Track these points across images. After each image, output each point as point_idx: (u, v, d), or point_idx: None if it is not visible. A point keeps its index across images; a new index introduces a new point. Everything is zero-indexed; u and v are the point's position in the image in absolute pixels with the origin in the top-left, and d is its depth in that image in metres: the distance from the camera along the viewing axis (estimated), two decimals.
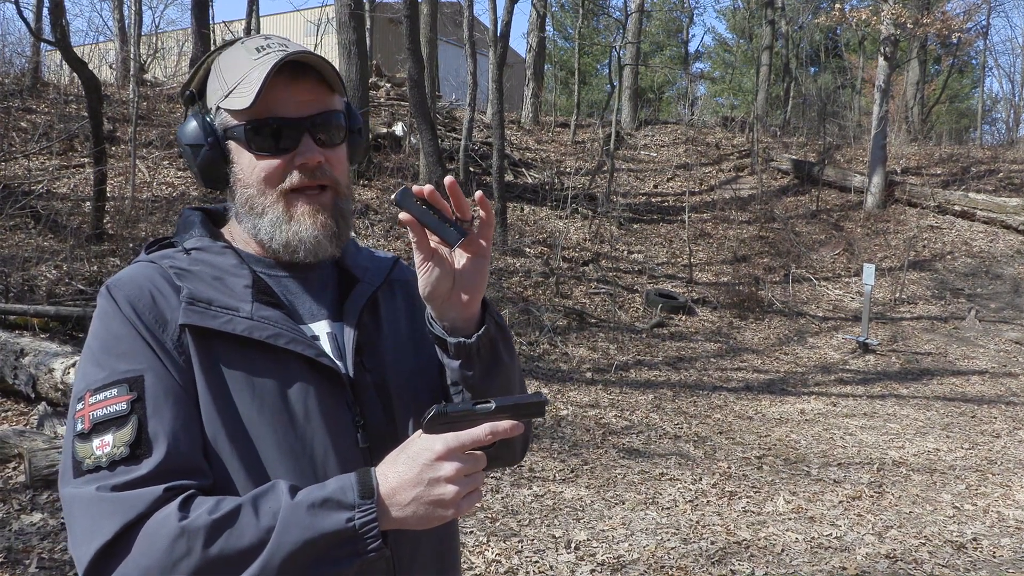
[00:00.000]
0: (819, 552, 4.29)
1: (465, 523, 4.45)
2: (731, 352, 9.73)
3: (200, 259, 1.11)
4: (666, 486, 5.27)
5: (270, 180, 1.10)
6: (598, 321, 10.10)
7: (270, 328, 1.06)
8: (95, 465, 0.96)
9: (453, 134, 14.80)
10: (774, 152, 17.14)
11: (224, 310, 1.05)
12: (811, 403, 7.78)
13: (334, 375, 1.09)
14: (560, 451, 5.88)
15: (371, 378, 1.14)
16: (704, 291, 11.70)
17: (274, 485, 0.97)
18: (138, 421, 0.98)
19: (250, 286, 1.09)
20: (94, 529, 0.93)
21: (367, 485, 0.95)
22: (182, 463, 0.99)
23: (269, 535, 0.92)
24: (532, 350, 8.72)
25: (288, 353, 1.06)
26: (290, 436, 1.06)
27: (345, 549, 0.93)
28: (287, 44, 1.13)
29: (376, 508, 0.94)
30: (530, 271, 10.92)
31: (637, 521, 4.64)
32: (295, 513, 0.93)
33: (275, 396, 1.06)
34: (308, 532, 0.92)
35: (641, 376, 8.43)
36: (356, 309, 1.17)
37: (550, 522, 4.56)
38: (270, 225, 1.11)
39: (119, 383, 1.00)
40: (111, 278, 1.09)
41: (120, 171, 10.36)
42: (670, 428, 6.71)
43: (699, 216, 14.37)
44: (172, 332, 1.04)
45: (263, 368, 1.06)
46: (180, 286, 1.06)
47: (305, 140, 1.09)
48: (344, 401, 1.10)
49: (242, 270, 1.10)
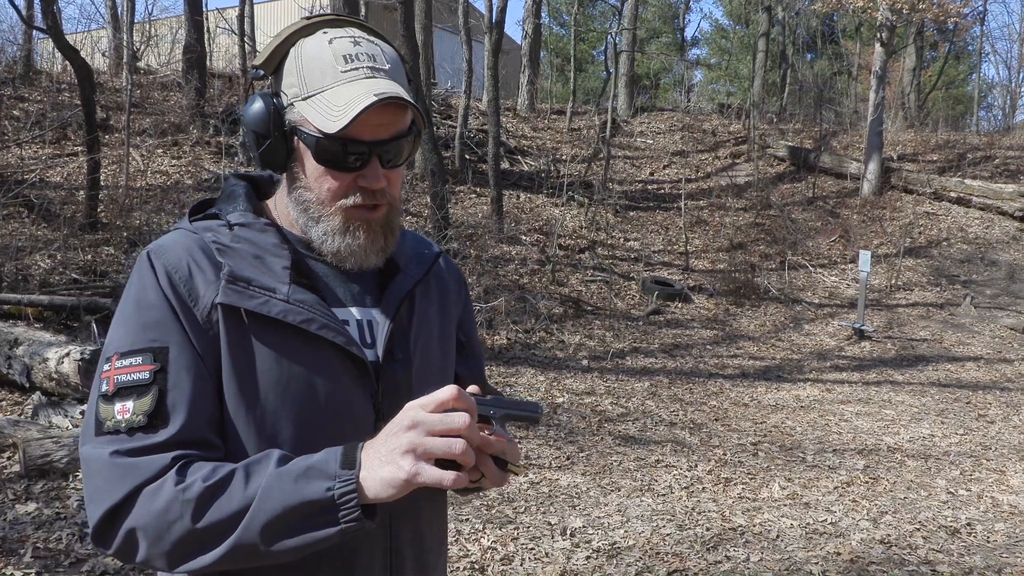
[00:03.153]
0: (814, 538, 4.30)
1: (461, 510, 4.47)
2: (727, 339, 9.74)
3: (242, 236, 1.11)
4: (662, 473, 5.28)
5: (333, 194, 1.11)
6: (594, 309, 10.10)
7: (304, 312, 1.07)
8: (114, 428, 1.00)
9: (449, 122, 14.74)
10: (770, 139, 17.10)
11: (262, 290, 1.07)
12: (807, 390, 7.80)
13: (361, 364, 1.11)
14: (556, 438, 5.89)
15: (397, 369, 1.16)
16: (700, 278, 11.70)
17: (268, 453, 1.00)
18: (158, 392, 1.01)
19: (289, 267, 1.10)
20: (105, 490, 0.98)
21: (350, 456, 0.96)
22: (195, 436, 1.02)
23: (252, 500, 0.95)
24: (528, 338, 8.72)
25: (319, 339, 1.08)
26: (309, 420, 1.08)
27: (323, 517, 0.94)
28: (374, 55, 1.12)
29: (355, 479, 0.95)
30: (526, 259, 10.91)
31: (633, 508, 4.65)
32: (279, 480, 0.95)
33: (299, 379, 1.07)
34: (288, 499, 0.94)
35: (637, 363, 8.43)
36: (395, 300, 1.18)
37: (546, 509, 4.57)
38: (323, 232, 1.12)
39: (145, 352, 1.03)
40: (153, 243, 1.11)
41: (114, 159, 10.31)
42: (666, 415, 6.72)
43: (695, 203, 14.35)
44: (204, 307, 1.05)
45: (292, 351, 1.07)
46: (221, 262, 1.08)
47: (373, 164, 1.10)
48: (368, 390, 1.12)
49: (283, 250, 1.11)
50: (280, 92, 1.13)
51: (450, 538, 4.12)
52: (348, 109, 1.05)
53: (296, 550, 0.96)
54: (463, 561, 3.87)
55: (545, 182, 13.62)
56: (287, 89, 1.12)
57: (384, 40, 1.16)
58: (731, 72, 31.63)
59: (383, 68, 1.11)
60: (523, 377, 7.44)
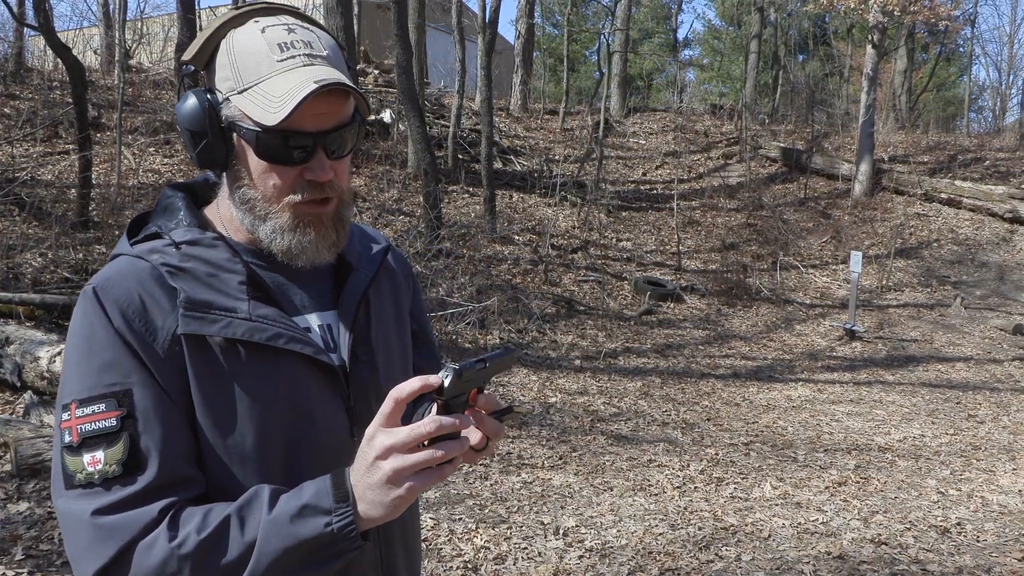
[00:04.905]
0: (805, 537, 4.32)
1: (454, 510, 4.46)
2: (719, 339, 9.75)
3: (192, 254, 1.06)
4: (654, 472, 5.29)
5: (279, 190, 1.06)
6: (587, 308, 10.10)
7: (269, 328, 1.04)
8: (87, 481, 0.96)
9: (441, 121, 14.72)
10: (762, 140, 17.14)
11: (222, 313, 1.03)
12: (798, 390, 7.82)
13: (331, 371, 1.09)
14: (549, 438, 5.89)
15: (364, 371, 1.14)
16: (692, 278, 11.71)
17: (258, 493, 0.98)
18: (129, 439, 0.97)
19: (245, 282, 1.06)
20: (92, 551, 0.95)
21: (342, 488, 0.95)
22: (174, 477, 0.99)
23: (252, 548, 0.94)
24: (521, 337, 8.72)
25: (287, 352, 1.05)
26: (287, 434, 1.06)
27: (326, 552, 0.94)
28: (310, 42, 1.06)
29: (351, 512, 0.94)
30: (519, 259, 10.90)
31: (625, 507, 4.66)
32: (275, 525, 0.94)
33: (274, 396, 1.05)
34: (288, 541, 0.93)
35: (629, 363, 8.44)
36: (353, 301, 1.16)
37: (539, 509, 4.57)
38: (271, 231, 1.08)
39: (107, 398, 0.98)
40: (96, 277, 1.05)
41: (105, 158, 10.26)
42: (658, 415, 6.73)
43: (688, 204, 14.36)
44: (164, 340, 1.01)
45: (261, 369, 1.05)
46: (174, 287, 1.03)
47: (318, 156, 1.05)
48: (339, 395, 1.11)
49: (236, 265, 1.07)
50: (214, 88, 1.07)
51: (443, 537, 4.11)
52: (287, 99, 1.00)
53: None
54: (456, 560, 3.86)
55: (538, 182, 13.62)
56: (221, 84, 1.06)
57: (320, 27, 1.11)
58: (723, 73, 31.69)
59: (321, 55, 1.06)
60: (516, 376, 7.44)
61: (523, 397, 6.83)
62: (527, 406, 6.69)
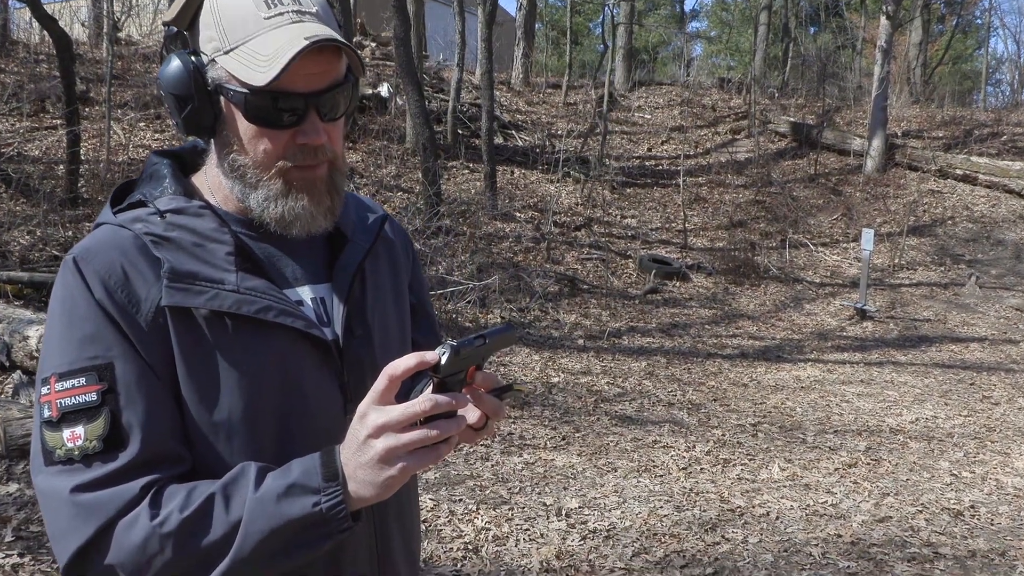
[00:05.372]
0: (814, 519, 4.32)
1: (454, 490, 4.48)
2: (726, 319, 9.75)
3: (177, 223, 1.04)
4: (659, 453, 5.30)
5: (269, 155, 1.04)
6: (590, 287, 10.10)
7: (258, 300, 1.03)
8: (67, 457, 0.95)
9: (441, 95, 14.64)
10: (772, 114, 17.05)
11: (208, 284, 1.02)
12: (807, 370, 7.82)
13: (323, 345, 1.08)
14: (551, 418, 5.90)
15: (359, 346, 1.13)
16: (699, 256, 11.69)
17: (244, 471, 0.97)
18: (110, 413, 0.96)
19: (233, 253, 1.05)
20: (72, 529, 0.94)
21: (331, 467, 0.94)
22: (158, 453, 0.98)
23: (237, 528, 0.93)
24: (523, 317, 8.72)
25: (277, 326, 1.04)
26: (277, 411, 1.05)
27: (314, 533, 0.94)
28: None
29: (342, 490, 0.93)
30: (520, 236, 10.89)
31: (629, 489, 4.67)
32: (261, 503, 0.93)
33: (263, 372, 1.04)
34: (275, 520, 0.93)
35: (634, 343, 8.45)
36: (348, 274, 1.15)
37: (541, 490, 4.59)
38: (263, 198, 1.06)
39: (87, 371, 0.97)
40: (77, 247, 1.03)
41: (94, 133, 10.21)
42: (664, 395, 6.74)
43: (694, 180, 14.31)
44: (147, 312, 1.00)
45: (250, 343, 1.03)
46: (158, 257, 1.01)
47: (310, 118, 1.03)
48: (332, 371, 1.10)
49: (223, 235, 1.05)
50: (198, 49, 1.04)
51: (443, 518, 4.13)
52: (277, 58, 0.97)
53: (290, 566, 0.96)
54: (456, 542, 3.87)
55: (540, 158, 13.57)
56: (205, 44, 1.03)
57: None
58: (732, 45, 31.46)
59: (310, 11, 1.03)
60: (518, 356, 7.44)
61: (525, 377, 6.83)
62: (528, 385, 6.69)
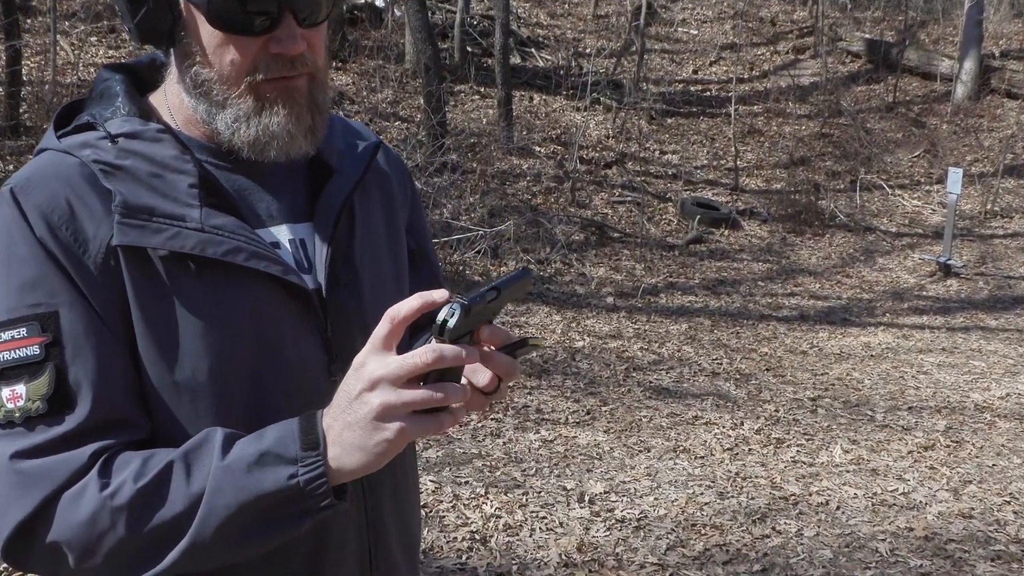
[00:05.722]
0: (882, 510, 4.33)
1: (460, 471, 4.52)
2: (783, 274, 9.73)
3: (131, 149, 1.04)
4: (700, 431, 5.32)
5: (239, 68, 1.03)
6: (622, 235, 10.07)
7: (226, 241, 1.03)
8: (6, 419, 0.96)
9: (447, 5, 14.48)
10: (843, 30, 16.80)
11: (167, 221, 1.01)
12: (878, 335, 7.80)
13: (303, 295, 1.08)
14: (574, 389, 5.92)
15: (345, 294, 1.13)
16: (752, 200, 11.64)
17: (209, 436, 0.97)
18: (55, 370, 0.96)
19: (196, 185, 1.04)
20: (12, 501, 0.95)
21: (311, 434, 0.94)
22: (111, 416, 0.99)
23: (200, 501, 0.93)
24: (542, 270, 8.72)
25: (248, 271, 1.04)
26: (249, 370, 1.06)
27: (290, 509, 0.94)
28: None
29: (323, 460, 0.93)
30: (540, 174, 10.84)
31: (665, 472, 4.69)
32: (228, 473, 0.93)
33: (232, 325, 1.04)
34: (244, 494, 0.93)
35: (673, 301, 8.45)
36: (332, 210, 1.14)
37: (560, 472, 4.62)
38: (233, 118, 1.05)
39: (28, 320, 0.97)
40: (15, 177, 1.02)
41: (37, 49, 10.18)
42: (707, 363, 6.75)
43: (748, 109, 14.18)
44: (97, 252, 1.00)
45: (216, 290, 1.04)
46: (109, 189, 1.01)
47: (286, 22, 1.02)
48: (315, 326, 1.10)
49: (185, 163, 1.05)
50: None
51: (446, 503, 4.17)
52: None
53: (262, 547, 0.97)
54: (462, 531, 3.92)
55: (564, 81, 13.44)
56: None
57: None
58: None
59: None
60: (535, 316, 7.46)
61: (545, 340, 6.83)
62: (546, 341, 6.70)
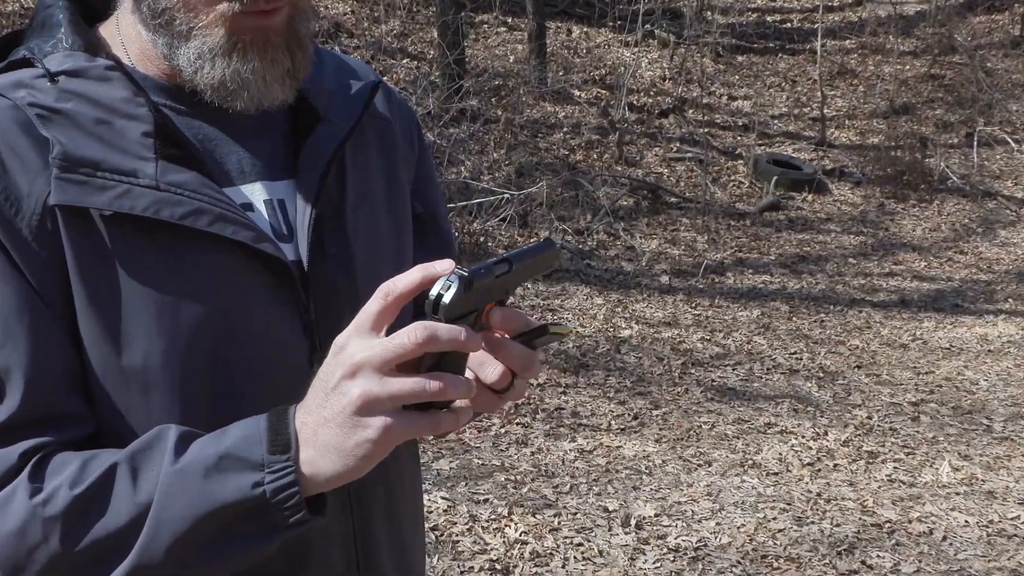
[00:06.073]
0: (999, 542, 4.31)
1: (477, 486, 4.53)
2: (880, 249, 9.67)
3: (74, 90, 1.04)
4: (774, 442, 5.31)
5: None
6: (680, 201, 10.06)
7: (185, 202, 1.03)
8: None
9: None
10: None
11: (115, 176, 1.02)
12: (999, 326, 7.74)
13: (281, 268, 1.09)
14: (619, 388, 5.93)
15: (333, 268, 1.15)
16: (842, 157, 11.58)
17: (160, 435, 0.98)
18: None
19: (151, 133, 1.04)
20: None
21: (281, 433, 0.94)
22: (46, 409, 1.00)
23: (147, 512, 0.94)
24: (581, 242, 8.72)
25: (213, 238, 1.05)
26: (214, 359, 1.07)
27: (254, 523, 0.95)
28: None
29: (294, 465, 0.93)
30: (580, 125, 10.82)
31: (729, 491, 4.69)
32: (182, 478, 0.94)
33: (191, 302, 1.05)
34: (199, 505, 0.94)
35: (743, 282, 8.44)
36: (318, 167, 1.15)
37: (601, 489, 4.62)
38: (196, 55, 1.06)
39: None
40: None
41: None
42: (783, 359, 6.73)
43: (838, 45, 14.10)
44: (30, 214, 1.01)
45: (172, 260, 1.05)
46: (47, 138, 1.02)
47: None
48: (295, 306, 1.11)
49: (138, 107, 1.05)
50: None
51: (460, 525, 4.18)
52: None
53: (223, 568, 0.97)
54: (479, 558, 3.93)
55: (611, 9, 13.36)
56: None
57: None
58: None
59: None
60: (572, 299, 7.46)
61: (583, 328, 6.84)
62: (572, 326, 6.69)
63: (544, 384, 5.79)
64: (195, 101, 1.09)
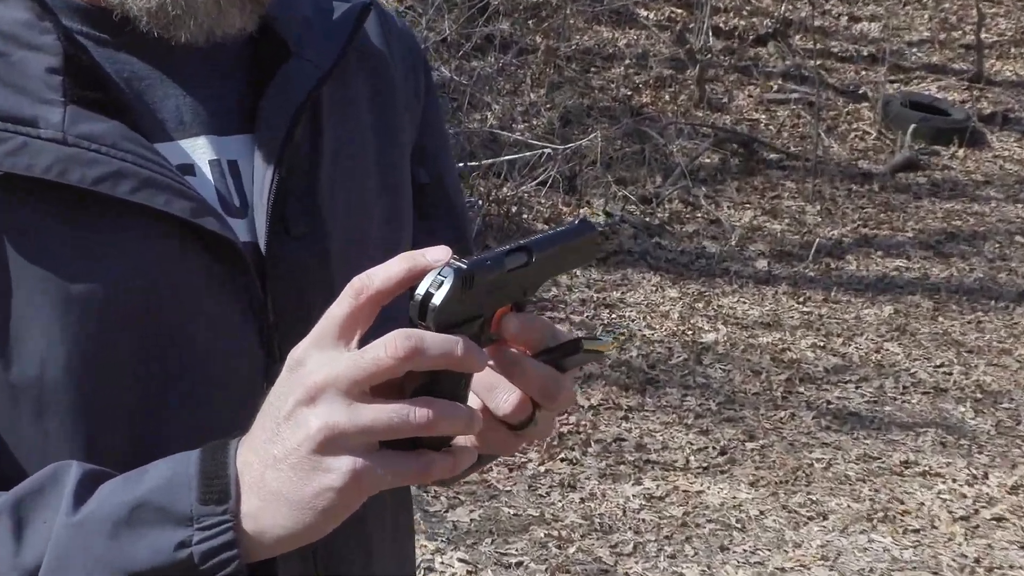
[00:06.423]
0: None
1: (506, 544, 4.54)
2: None
3: None
4: (915, 487, 5.32)
5: None
6: (783, 158, 10.11)
7: (101, 160, 1.04)
8: None
9: None
10: None
11: (8, 126, 1.03)
12: None
13: (229, 250, 1.11)
14: (699, 414, 5.96)
15: (300, 252, 1.18)
16: (1006, 98, 11.64)
17: (56, 474, 0.99)
18: None
19: (59, 69, 1.06)
20: None
21: (217, 477, 0.94)
22: None
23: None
24: (648, 214, 8.75)
25: (136, 209, 1.06)
26: (136, 370, 1.08)
27: None
28: None
29: (232, 521, 0.92)
30: (647, 55, 10.89)
31: (852, 553, 4.70)
32: (81, 536, 0.94)
33: (103, 293, 1.06)
34: (104, 571, 0.94)
35: (869, 268, 8.45)
36: (284, 118, 1.17)
37: (676, 550, 4.64)
38: None
39: None
40: None
41: None
42: (925, 373, 6.73)
43: None
44: None
45: (81, 238, 1.06)
46: None
47: None
48: (247, 302, 1.14)
49: (42, 34, 1.07)
50: None
51: None
52: None
53: None
54: None
55: None
56: None
57: None
58: None
59: None
60: (636, 290, 7.51)
61: (652, 332, 6.81)
62: (623, 331, 6.70)
63: (599, 406, 5.81)
64: (125, 30, 1.10)
